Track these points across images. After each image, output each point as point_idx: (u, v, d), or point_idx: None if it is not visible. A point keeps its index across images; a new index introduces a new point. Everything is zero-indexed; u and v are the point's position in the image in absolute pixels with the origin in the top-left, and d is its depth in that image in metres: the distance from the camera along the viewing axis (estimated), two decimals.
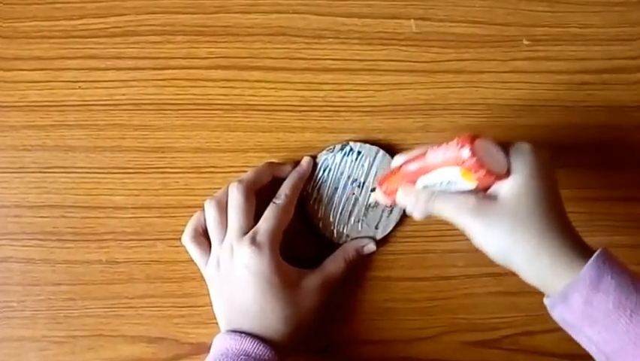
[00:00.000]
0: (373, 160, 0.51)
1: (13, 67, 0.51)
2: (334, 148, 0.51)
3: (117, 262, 0.51)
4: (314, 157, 0.51)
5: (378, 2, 0.53)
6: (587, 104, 0.53)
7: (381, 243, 0.51)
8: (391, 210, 0.51)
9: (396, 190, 0.45)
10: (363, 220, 0.51)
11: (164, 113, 0.52)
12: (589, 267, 0.38)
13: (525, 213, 0.40)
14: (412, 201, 0.44)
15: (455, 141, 0.40)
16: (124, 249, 0.51)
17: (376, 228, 0.51)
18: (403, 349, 0.51)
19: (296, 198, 0.49)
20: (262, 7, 0.53)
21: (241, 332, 0.45)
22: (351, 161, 0.51)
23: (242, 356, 0.43)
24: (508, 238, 0.40)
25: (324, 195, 0.50)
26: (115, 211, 0.51)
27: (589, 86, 0.53)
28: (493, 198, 0.41)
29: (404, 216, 0.51)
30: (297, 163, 0.51)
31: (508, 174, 0.41)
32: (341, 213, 0.50)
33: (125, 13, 0.52)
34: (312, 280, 0.48)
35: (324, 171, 0.51)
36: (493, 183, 0.41)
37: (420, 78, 0.53)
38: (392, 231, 0.51)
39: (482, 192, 0.42)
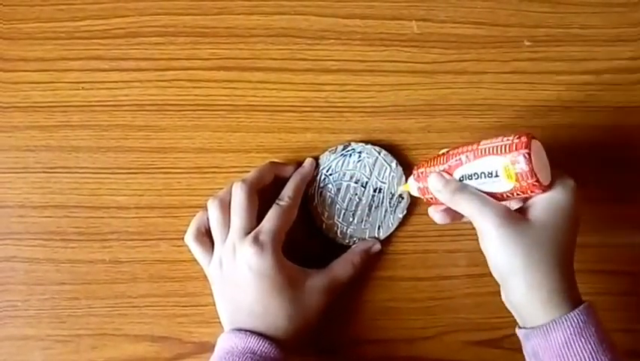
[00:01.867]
0: (375, 161, 0.51)
1: (16, 68, 0.52)
2: (336, 149, 0.51)
3: (120, 262, 0.51)
4: (316, 158, 0.51)
5: (379, 3, 0.53)
6: (587, 104, 0.53)
7: (383, 243, 0.51)
8: (394, 210, 0.51)
9: (429, 175, 0.45)
10: (366, 221, 0.51)
11: (167, 114, 0.52)
12: (579, 312, 0.39)
13: (547, 242, 0.40)
14: (440, 187, 0.43)
15: (513, 136, 0.40)
16: (127, 248, 0.51)
17: (379, 228, 0.51)
18: (405, 348, 0.51)
19: (299, 200, 0.49)
20: (264, 8, 0.53)
21: (246, 331, 0.45)
22: (353, 162, 0.51)
23: (248, 354, 0.43)
24: (521, 258, 0.40)
25: (327, 196, 0.51)
26: (118, 211, 0.51)
27: (590, 87, 0.54)
28: (523, 213, 0.42)
29: (406, 217, 0.51)
30: (299, 164, 0.51)
31: (546, 189, 0.41)
32: (344, 213, 0.51)
33: (128, 14, 0.52)
34: (317, 281, 0.48)
35: (326, 171, 0.51)
36: (528, 192, 0.41)
37: (421, 79, 0.53)
38: (394, 231, 0.51)
39: (514, 201, 0.42)
